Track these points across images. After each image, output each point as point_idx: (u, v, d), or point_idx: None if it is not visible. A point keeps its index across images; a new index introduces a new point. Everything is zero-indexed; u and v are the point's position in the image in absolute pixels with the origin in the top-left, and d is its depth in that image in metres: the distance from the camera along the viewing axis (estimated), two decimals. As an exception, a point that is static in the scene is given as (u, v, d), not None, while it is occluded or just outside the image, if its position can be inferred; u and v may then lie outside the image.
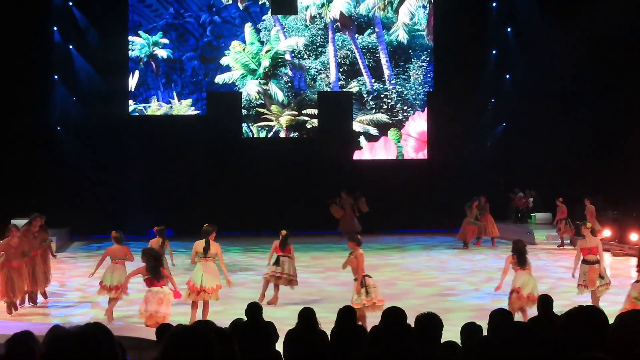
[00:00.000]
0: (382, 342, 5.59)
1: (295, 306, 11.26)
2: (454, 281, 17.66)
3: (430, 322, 5.66)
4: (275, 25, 29.41)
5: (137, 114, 28.64)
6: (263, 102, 29.45)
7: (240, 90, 29.16)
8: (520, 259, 12.59)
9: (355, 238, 12.61)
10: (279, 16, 29.38)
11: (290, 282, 14.97)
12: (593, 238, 13.79)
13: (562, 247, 23.76)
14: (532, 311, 11.10)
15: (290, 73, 29.68)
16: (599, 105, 25.54)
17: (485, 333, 6.33)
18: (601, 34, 24.17)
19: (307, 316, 7.63)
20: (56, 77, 27.49)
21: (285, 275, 14.77)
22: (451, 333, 6.37)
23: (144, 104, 28.78)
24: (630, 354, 3.21)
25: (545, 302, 8.29)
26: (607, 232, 23.00)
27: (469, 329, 6.55)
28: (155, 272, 11.99)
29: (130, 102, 28.64)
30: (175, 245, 19.82)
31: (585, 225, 14.33)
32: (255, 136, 29.46)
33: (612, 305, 11.85)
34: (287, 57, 29.63)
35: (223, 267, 13.18)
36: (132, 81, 28.70)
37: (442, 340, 5.68)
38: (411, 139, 29.96)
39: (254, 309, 8.17)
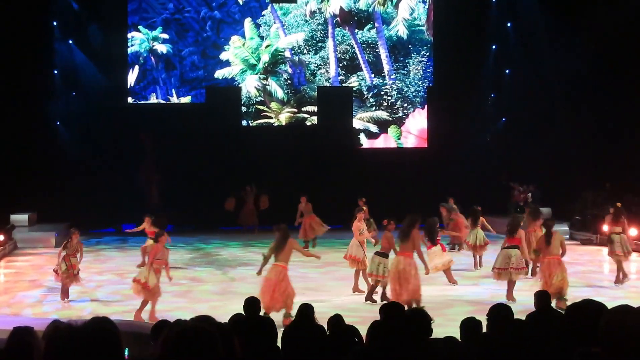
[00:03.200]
0: (380, 336, 5.61)
1: (294, 302, 11.36)
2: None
3: (420, 317, 5.65)
4: (275, 23, 29.37)
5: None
6: (262, 99, 29.41)
7: (239, 86, 29.11)
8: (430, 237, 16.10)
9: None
10: (279, 13, 29.33)
11: None
12: None
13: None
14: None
15: (290, 70, 29.64)
16: (599, 99, 25.50)
17: (484, 328, 6.33)
18: (601, 27, 24.12)
19: (305, 311, 7.66)
20: (56, 72, 27.46)
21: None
22: (450, 328, 6.37)
23: (143, 101, 28.72)
24: (620, 349, 3.20)
25: (542, 297, 8.25)
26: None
27: (469, 324, 6.54)
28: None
29: (129, 99, 28.60)
30: (175, 240, 19.87)
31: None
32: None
33: (612, 300, 11.85)
34: (287, 54, 29.59)
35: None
36: (132, 77, 28.66)
37: (442, 336, 5.68)
38: (411, 136, 29.92)
39: (251, 304, 8.17)
